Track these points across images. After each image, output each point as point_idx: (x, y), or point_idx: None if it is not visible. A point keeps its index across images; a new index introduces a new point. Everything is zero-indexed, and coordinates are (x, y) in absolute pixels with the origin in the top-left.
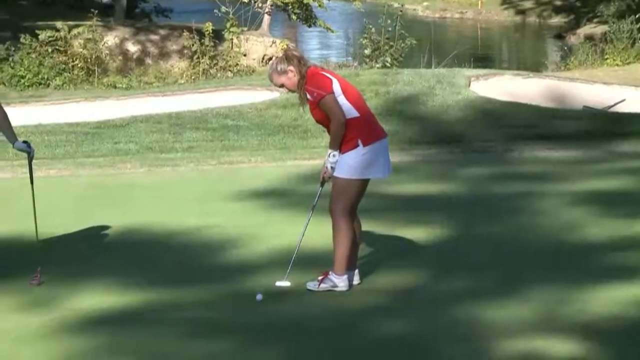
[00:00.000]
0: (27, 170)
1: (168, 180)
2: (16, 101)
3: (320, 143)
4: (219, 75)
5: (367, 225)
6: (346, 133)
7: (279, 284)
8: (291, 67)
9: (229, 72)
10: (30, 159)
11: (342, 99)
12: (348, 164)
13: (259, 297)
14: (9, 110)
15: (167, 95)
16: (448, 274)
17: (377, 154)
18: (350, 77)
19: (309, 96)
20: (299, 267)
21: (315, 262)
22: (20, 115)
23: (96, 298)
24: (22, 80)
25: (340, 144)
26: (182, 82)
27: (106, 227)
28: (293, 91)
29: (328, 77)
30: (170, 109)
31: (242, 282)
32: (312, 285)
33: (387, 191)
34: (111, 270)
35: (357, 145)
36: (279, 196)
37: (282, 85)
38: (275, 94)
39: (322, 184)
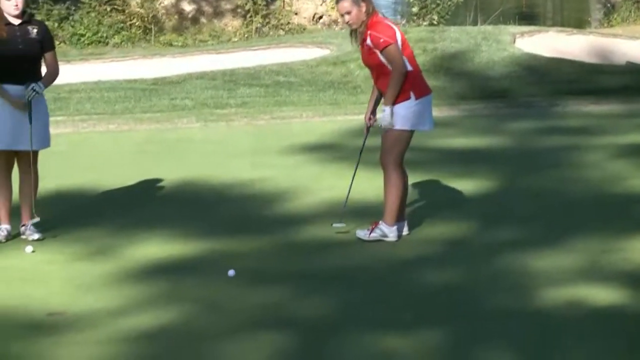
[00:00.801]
0: (87, 125)
1: (222, 135)
2: (77, 59)
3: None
4: (271, 33)
5: (416, 178)
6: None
7: (335, 225)
8: (365, 3)
9: (281, 30)
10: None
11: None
12: (401, 115)
13: (231, 272)
14: (71, 68)
15: (221, 53)
16: (494, 224)
17: (425, 107)
18: None
19: (369, 41)
20: (350, 217)
21: (365, 212)
22: (81, 72)
23: (154, 248)
24: (82, 39)
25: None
26: (236, 40)
27: (163, 180)
28: (351, 25)
29: (392, 27)
30: (224, 66)
31: (295, 233)
32: (362, 234)
33: (435, 145)
34: (169, 221)
35: (410, 97)
36: (330, 150)
37: (346, 14)
38: (325, 52)
39: (367, 134)
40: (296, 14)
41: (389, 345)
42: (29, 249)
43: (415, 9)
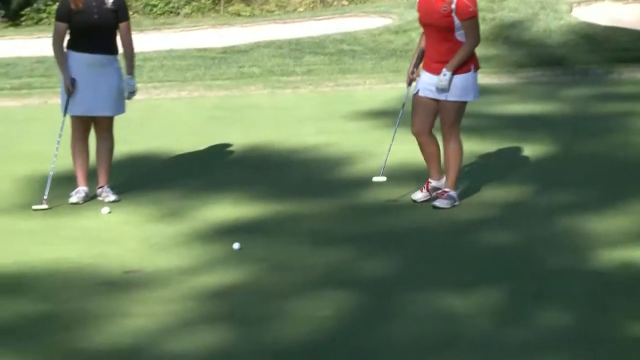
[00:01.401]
0: (160, 92)
1: (289, 101)
2: (150, 28)
3: None
4: (335, 3)
5: (475, 143)
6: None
7: (375, 179)
8: None
9: (345, 0)
10: (129, 96)
11: None
12: (463, 87)
13: (236, 246)
14: (144, 37)
15: (288, 22)
16: (551, 188)
17: (476, 79)
18: None
19: (455, 5)
20: (406, 181)
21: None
22: (154, 41)
23: (224, 210)
24: (154, 9)
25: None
26: (301, 10)
27: (232, 145)
28: None
29: None
30: (290, 35)
31: (358, 196)
32: (441, 204)
33: (494, 111)
34: (237, 184)
35: (470, 70)
36: (392, 116)
37: None
38: (388, 21)
39: (410, 84)
40: None
41: (448, 305)
42: (105, 210)
43: None
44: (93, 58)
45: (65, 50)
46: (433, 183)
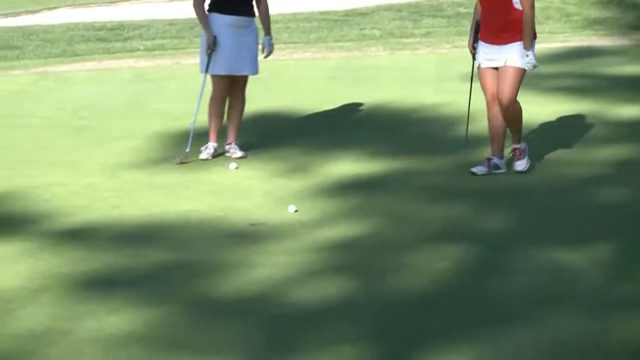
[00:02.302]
0: (285, 53)
1: (408, 62)
2: None
3: (545, 29)
4: None
5: (588, 103)
6: (521, 27)
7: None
8: None
9: None
10: (267, 55)
11: None
12: (523, 55)
13: (292, 208)
14: (269, 1)
15: None
16: None
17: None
18: None
19: None
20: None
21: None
22: (278, 4)
23: (346, 165)
24: None
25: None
26: None
27: (354, 104)
28: None
29: None
30: None
31: (474, 153)
32: (521, 166)
33: (606, 72)
34: (359, 141)
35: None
36: None
37: None
38: None
39: (474, 57)
40: None
41: (561, 259)
42: (232, 165)
43: None
44: (236, 20)
45: (206, 12)
46: (495, 160)
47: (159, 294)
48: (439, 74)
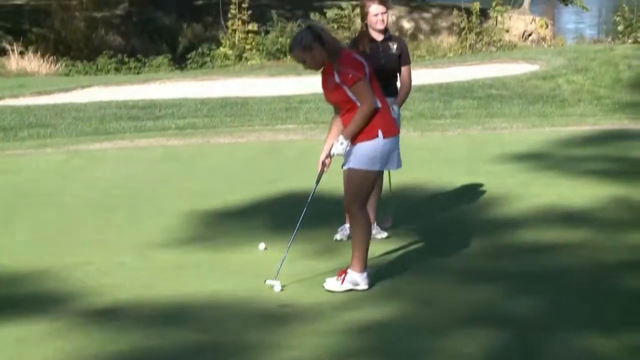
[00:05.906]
0: (315, 132)
1: (438, 143)
2: (306, 72)
3: (576, 111)
4: (483, 49)
5: (620, 187)
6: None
7: (269, 282)
8: (319, 43)
9: (493, 47)
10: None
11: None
12: (368, 156)
13: (262, 246)
14: (300, 80)
15: (438, 67)
16: None
17: (394, 147)
18: (605, 52)
19: (337, 77)
20: (555, 223)
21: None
22: (309, 85)
23: (376, 246)
24: None
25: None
26: (451, 55)
27: (384, 185)
28: (315, 69)
29: (361, 62)
30: (440, 79)
31: (504, 236)
32: (331, 285)
33: (638, 156)
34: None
35: (377, 136)
36: (539, 159)
37: (302, 63)
38: (535, 67)
39: (320, 178)
40: (507, 31)
41: (594, 345)
42: (262, 246)
43: (620, 27)
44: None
45: None
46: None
47: None
48: (469, 156)
